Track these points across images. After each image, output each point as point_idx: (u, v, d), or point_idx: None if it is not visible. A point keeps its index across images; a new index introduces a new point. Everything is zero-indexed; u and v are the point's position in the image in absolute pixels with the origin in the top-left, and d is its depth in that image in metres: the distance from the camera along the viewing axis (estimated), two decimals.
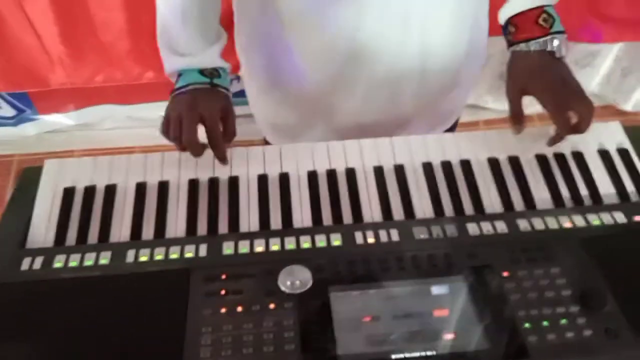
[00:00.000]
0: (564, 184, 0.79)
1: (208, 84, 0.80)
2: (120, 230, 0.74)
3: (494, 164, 0.81)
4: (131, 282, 0.66)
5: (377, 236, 0.71)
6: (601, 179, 0.79)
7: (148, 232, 0.74)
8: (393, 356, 0.60)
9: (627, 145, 0.83)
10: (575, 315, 0.62)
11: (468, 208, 0.76)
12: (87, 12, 1.59)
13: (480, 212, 0.76)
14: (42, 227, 0.74)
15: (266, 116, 1.03)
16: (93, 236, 0.73)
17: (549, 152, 0.82)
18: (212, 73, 0.81)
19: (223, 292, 0.65)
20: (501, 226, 0.72)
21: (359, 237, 0.71)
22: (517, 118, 0.80)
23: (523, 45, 0.80)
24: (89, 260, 0.68)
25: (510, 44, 0.83)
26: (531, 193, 0.78)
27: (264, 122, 1.05)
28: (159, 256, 0.69)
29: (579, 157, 0.82)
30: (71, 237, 0.73)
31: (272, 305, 0.63)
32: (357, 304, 0.64)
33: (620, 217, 0.73)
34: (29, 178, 0.80)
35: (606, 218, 0.73)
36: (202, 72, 0.80)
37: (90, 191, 0.77)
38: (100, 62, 1.73)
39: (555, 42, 0.79)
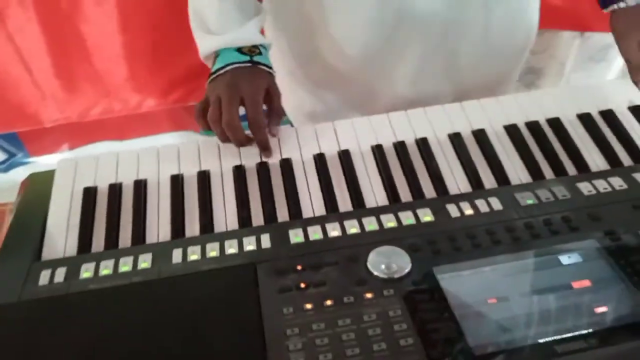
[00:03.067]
0: None
1: (249, 62, 0.69)
2: (158, 229, 0.60)
3: (584, 119, 0.69)
4: (183, 285, 0.52)
5: (474, 207, 0.58)
6: None
7: (192, 228, 0.60)
8: (540, 340, 0.46)
9: None
10: None
11: (569, 168, 0.64)
12: (80, 37, 1.48)
13: (585, 171, 0.64)
14: (60, 235, 0.60)
15: (301, 105, 0.91)
16: (125, 239, 0.59)
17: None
18: (251, 50, 0.70)
19: (303, 285, 0.51)
20: (618, 182, 0.60)
21: (453, 210, 0.58)
22: None
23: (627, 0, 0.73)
24: (125, 266, 0.54)
25: (610, 3, 0.75)
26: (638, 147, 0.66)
27: (298, 114, 0.93)
28: (212, 253, 0.55)
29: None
30: (98, 242, 0.59)
31: (368, 295, 0.50)
32: (474, 285, 0.51)
33: None
34: (36, 185, 0.67)
35: None
36: (240, 50, 0.69)
37: (116, 189, 0.64)
38: (96, 92, 1.61)
39: None
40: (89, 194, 0.63)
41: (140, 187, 0.64)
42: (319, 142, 0.68)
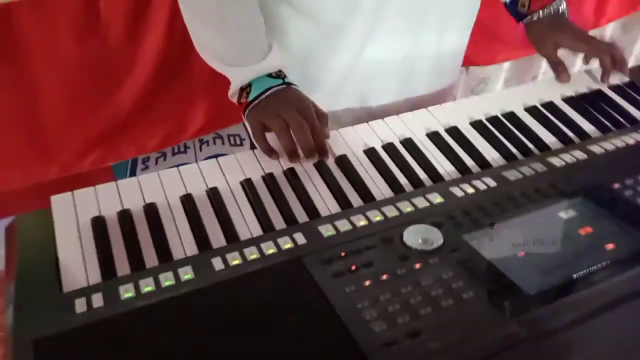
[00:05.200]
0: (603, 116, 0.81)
1: (283, 84, 0.73)
2: (183, 246, 0.59)
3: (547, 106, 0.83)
4: (241, 286, 0.52)
5: (474, 187, 0.65)
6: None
7: (218, 240, 0.60)
8: (574, 275, 0.53)
9: None
10: None
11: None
12: None
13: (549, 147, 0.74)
14: (78, 267, 0.56)
15: None
16: (150, 260, 0.58)
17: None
18: (279, 74, 0.74)
19: (353, 267, 0.53)
20: (579, 154, 0.71)
21: (457, 192, 0.64)
22: (562, 68, 0.87)
23: (540, 12, 0.90)
24: (167, 281, 0.53)
25: (524, 16, 0.92)
26: (579, 126, 0.79)
27: None
28: (252, 256, 0.56)
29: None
30: (122, 267, 0.57)
31: (417, 265, 0.53)
32: (500, 242, 0.57)
33: None
34: (28, 226, 0.62)
35: None
36: (270, 75, 0.73)
37: (126, 214, 0.62)
38: None
39: (563, 5, 0.90)
40: (99, 222, 0.60)
41: (152, 209, 0.62)
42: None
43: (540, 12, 0.89)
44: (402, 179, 0.69)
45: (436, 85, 0.92)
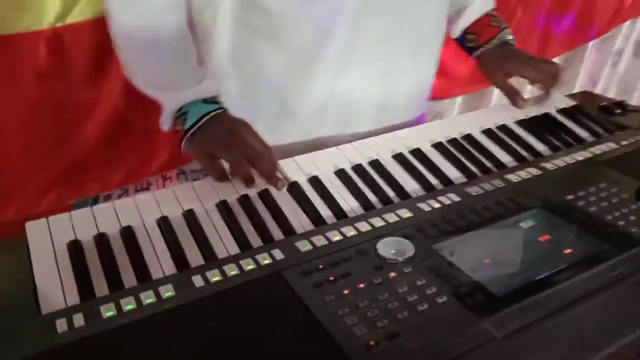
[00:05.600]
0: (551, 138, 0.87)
1: (219, 109, 0.73)
2: (161, 266, 0.60)
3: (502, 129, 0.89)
4: (223, 301, 0.53)
5: (440, 202, 0.69)
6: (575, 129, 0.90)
7: (196, 260, 0.61)
8: (537, 277, 0.56)
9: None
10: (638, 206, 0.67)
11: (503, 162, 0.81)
12: None
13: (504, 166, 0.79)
14: (56, 290, 0.56)
15: None
16: (129, 281, 0.58)
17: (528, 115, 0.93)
18: (214, 99, 0.75)
19: (332, 278, 0.56)
20: (534, 171, 0.76)
21: (424, 207, 0.68)
22: (516, 94, 0.92)
23: (487, 45, 0.96)
24: (149, 299, 0.53)
25: (474, 49, 0.97)
26: (532, 146, 0.85)
27: None
28: (232, 272, 0.57)
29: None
30: (100, 288, 0.57)
31: (392, 274, 0.56)
32: (468, 250, 0.60)
33: (611, 145, 0.83)
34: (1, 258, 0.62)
35: (600, 148, 0.82)
36: (205, 100, 0.74)
37: (102, 237, 0.62)
38: None
39: (509, 34, 0.96)
40: (75, 246, 0.61)
41: (128, 231, 0.63)
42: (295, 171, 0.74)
43: (488, 44, 0.95)
44: (372, 197, 0.72)
45: (412, 112, 0.96)
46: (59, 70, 1.33)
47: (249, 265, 0.58)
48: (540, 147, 0.85)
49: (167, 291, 0.54)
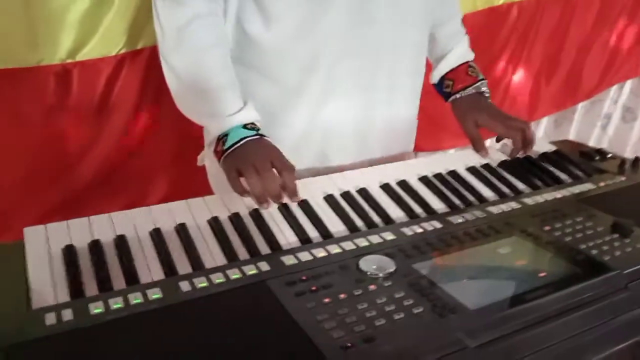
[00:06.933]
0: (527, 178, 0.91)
1: (256, 136, 0.79)
2: (150, 272, 0.62)
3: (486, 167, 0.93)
4: (208, 304, 0.55)
5: (422, 227, 0.72)
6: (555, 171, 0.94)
7: (184, 268, 0.63)
8: (511, 295, 0.59)
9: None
10: (611, 238, 0.70)
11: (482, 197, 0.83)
12: None
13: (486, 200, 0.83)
14: (47, 289, 0.58)
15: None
16: (118, 284, 0.60)
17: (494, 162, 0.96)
18: (253, 126, 0.80)
19: (314, 288, 0.58)
20: (514, 204, 0.79)
21: (408, 231, 0.71)
22: (481, 143, 0.97)
23: (462, 92, 1.01)
24: (136, 299, 0.56)
25: (450, 95, 1.03)
26: (513, 184, 0.89)
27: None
28: (218, 280, 0.59)
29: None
30: (90, 290, 0.59)
31: (372, 287, 0.58)
32: (447, 271, 0.63)
33: (589, 186, 0.87)
34: None
35: (579, 188, 0.86)
36: (245, 126, 0.80)
37: (96, 244, 0.65)
38: None
39: (484, 86, 1.02)
40: (70, 250, 0.63)
41: (122, 240, 0.66)
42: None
43: (462, 92, 1.01)
44: (358, 221, 0.75)
45: (391, 148, 1.00)
46: (64, 104, 1.38)
47: (234, 274, 0.60)
48: (521, 185, 0.89)
49: (155, 293, 0.57)
